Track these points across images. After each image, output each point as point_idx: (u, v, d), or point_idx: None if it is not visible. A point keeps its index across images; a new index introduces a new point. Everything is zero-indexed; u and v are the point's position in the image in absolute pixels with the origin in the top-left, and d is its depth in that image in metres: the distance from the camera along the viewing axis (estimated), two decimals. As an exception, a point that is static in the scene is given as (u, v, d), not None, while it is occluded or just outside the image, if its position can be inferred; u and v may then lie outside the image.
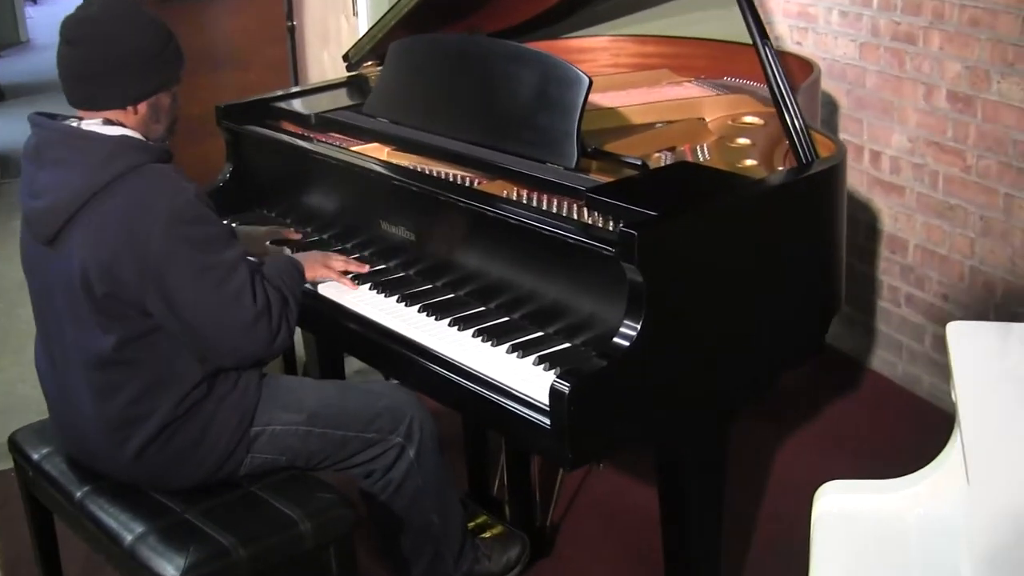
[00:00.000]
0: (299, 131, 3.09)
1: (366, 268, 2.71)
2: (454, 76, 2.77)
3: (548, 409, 2.12)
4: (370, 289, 2.64)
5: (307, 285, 2.60)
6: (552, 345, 2.33)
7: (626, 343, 2.14)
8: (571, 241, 2.28)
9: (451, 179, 2.71)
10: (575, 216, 2.44)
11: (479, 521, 2.96)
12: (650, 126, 2.98)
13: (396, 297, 2.58)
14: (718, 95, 3.19)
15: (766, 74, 2.53)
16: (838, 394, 3.87)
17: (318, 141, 3.02)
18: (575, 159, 2.49)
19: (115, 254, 2.22)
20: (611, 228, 2.32)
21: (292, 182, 3.07)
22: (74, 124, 2.34)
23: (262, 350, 2.35)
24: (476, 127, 2.70)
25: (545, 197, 2.54)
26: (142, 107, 2.35)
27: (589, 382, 2.09)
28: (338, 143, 3.00)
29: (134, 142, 2.31)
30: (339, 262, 2.68)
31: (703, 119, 3.05)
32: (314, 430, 2.46)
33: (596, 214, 2.39)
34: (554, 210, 2.47)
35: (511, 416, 2.21)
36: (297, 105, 3.22)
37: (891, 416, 3.73)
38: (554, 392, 2.08)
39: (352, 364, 3.82)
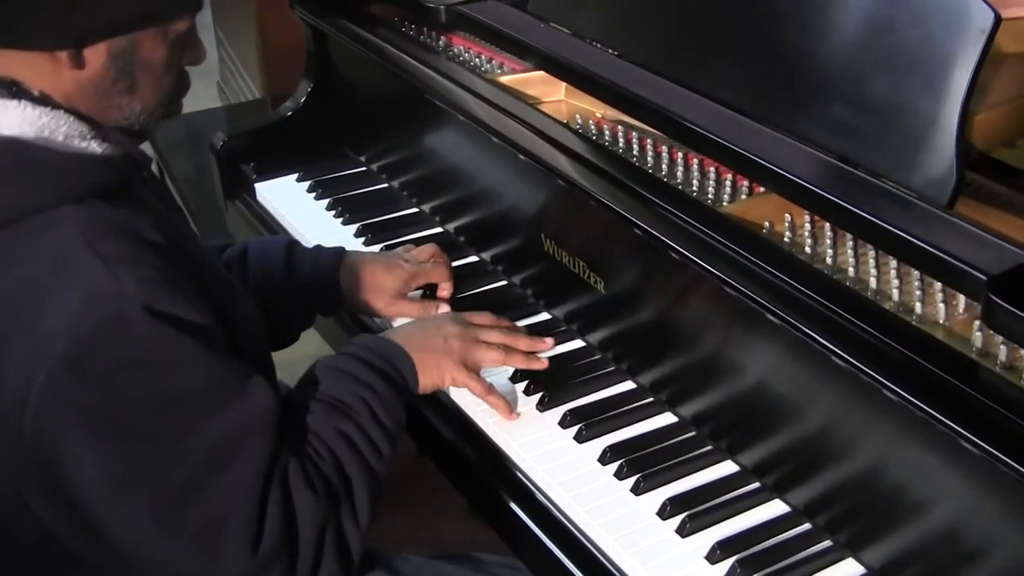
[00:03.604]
0: (419, 32, 1.83)
1: (543, 364, 1.40)
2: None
3: None
4: (539, 407, 1.37)
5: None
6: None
7: None
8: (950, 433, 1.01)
9: (679, 172, 1.43)
10: (939, 313, 1.14)
11: None
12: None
13: (601, 452, 1.29)
14: None
15: None
16: None
17: (448, 55, 1.75)
18: (952, 186, 1.17)
19: None
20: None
21: (405, 126, 1.82)
22: None
23: None
24: (747, 84, 1.38)
25: (871, 253, 1.25)
26: (94, 56, 1.13)
27: None
28: (480, 55, 1.74)
29: (37, 155, 1.09)
30: (495, 351, 1.36)
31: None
32: None
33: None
34: (895, 290, 1.18)
35: None
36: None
37: None
38: None
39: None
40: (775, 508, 1.22)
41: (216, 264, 1.32)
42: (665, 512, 1.21)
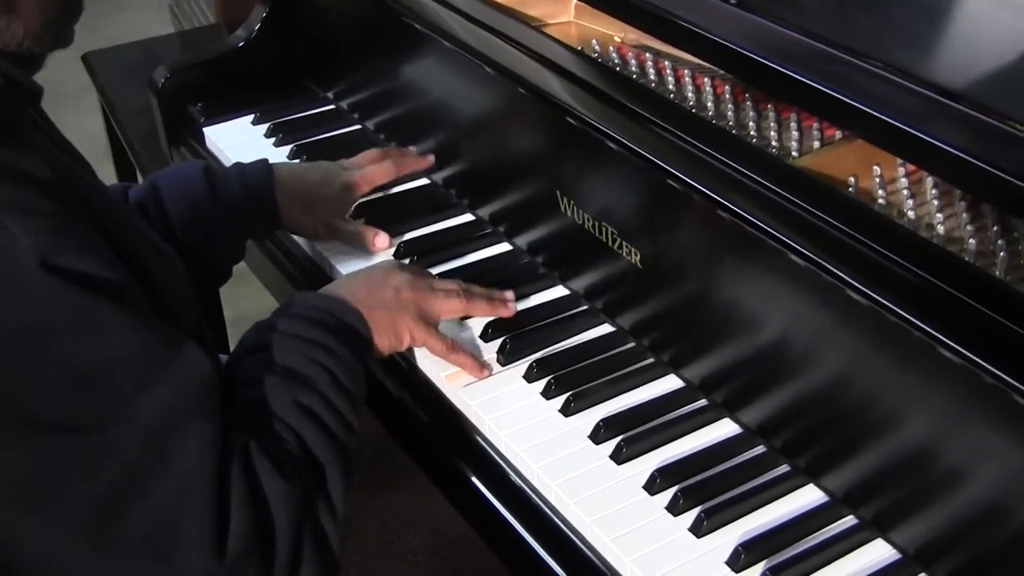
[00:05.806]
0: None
1: (512, 310, 1.19)
2: None
3: None
4: (538, 385, 1.12)
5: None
6: None
7: None
8: None
9: (728, 112, 1.14)
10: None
11: None
12: None
13: (615, 446, 1.04)
14: None
15: None
16: None
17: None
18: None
19: None
20: None
21: (381, 54, 1.52)
22: None
23: None
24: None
25: (989, 218, 0.97)
26: None
27: None
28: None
29: None
30: (453, 299, 1.15)
31: None
32: None
33: None
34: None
35: None
36: None
37: None
38: None
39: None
40: (809, 496, 0.99)
41: (132, 218, 1.05)
42: (678, 506, 0.98)
